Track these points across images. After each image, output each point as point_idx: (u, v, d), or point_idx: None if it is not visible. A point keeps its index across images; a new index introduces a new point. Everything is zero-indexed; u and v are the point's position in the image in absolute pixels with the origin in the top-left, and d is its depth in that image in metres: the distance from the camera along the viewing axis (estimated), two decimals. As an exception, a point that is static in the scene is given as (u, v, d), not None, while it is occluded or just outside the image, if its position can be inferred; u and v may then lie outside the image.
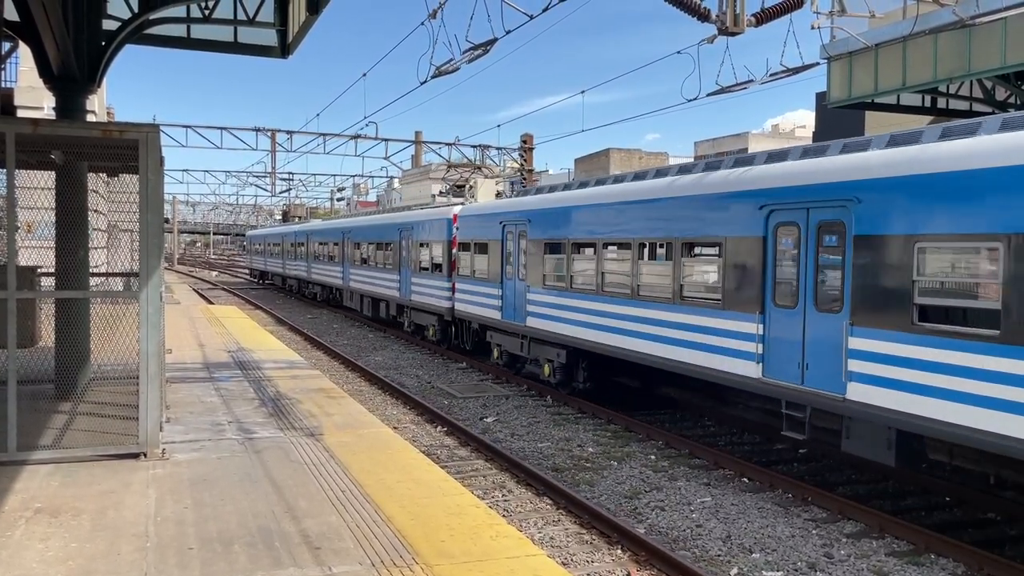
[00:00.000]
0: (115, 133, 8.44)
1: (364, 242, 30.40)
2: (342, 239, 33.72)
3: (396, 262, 26.32)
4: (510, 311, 18.28)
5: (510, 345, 18.46)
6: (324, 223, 41.09)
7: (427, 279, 23.45)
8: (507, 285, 18.49)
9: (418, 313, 24.58)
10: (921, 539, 9.02)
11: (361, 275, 30.75)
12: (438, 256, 22.79)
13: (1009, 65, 16.38)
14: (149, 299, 8.18)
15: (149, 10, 11.88)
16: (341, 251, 33.93)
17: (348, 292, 32.92)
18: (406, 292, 25.23)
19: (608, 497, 10.69)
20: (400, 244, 25.94)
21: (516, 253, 18.10)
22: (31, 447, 8.08)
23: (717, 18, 10.65)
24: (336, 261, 34.98)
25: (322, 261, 38.23)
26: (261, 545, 6.07)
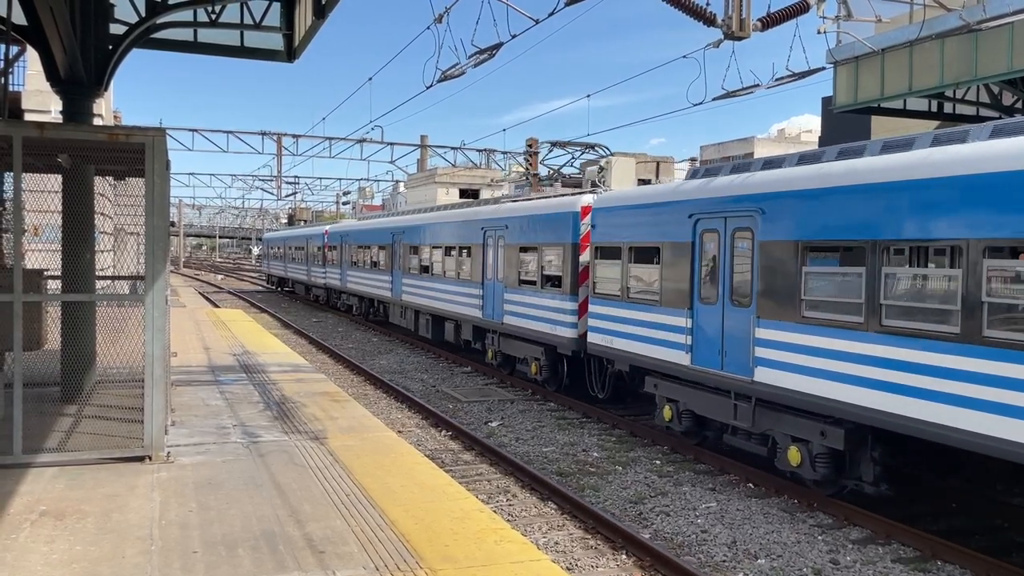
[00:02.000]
0: (121, 137, 8.47)
1: (426, 245, 24.46)
2: (392, 242, 27.92)
3: (478, 271, 20.19)
4: (709, 353, 11.93)
5: (704, 406, 12.22)
6: (367, 223, 33.61)
7: (532, 296, 17.39)
8: (706, 312, 12.11)
9: (512, 341, 18.53)
10: (928, 546, 8.98)
11: (420, 287, 24.62)
12: (554, 264, 16.66)
13: (1015, 70, 16.35)
14: (154, 303, 8.20)
15: (156, 14, 11.92)
16: (390, 256, 28.03)
17: (399, 307, 27.16)
18: (494, 312, 19.22)
19: (613, 502, 10.66)
20: (485, 248, 19.89)
21: (726, 263, 11.68)
22: (36, 450, 8.10)
23: (723, 22, 10.64)
24: (382, 268, 29.08)
25: (363, 268, 31.93)
26: (265, 549, 6.06)
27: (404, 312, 26.77)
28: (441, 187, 71.66)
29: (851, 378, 9.59)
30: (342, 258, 35.45)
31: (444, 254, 22.73)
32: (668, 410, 13.00)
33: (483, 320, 19.90)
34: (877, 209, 9.36)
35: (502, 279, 18.82)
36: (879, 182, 9.43)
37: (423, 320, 24.64)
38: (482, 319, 19.92)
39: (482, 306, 19.88)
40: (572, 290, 15.94)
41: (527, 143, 38.87)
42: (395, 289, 27.40)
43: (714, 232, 12.07)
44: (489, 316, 19.52)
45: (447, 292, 22.32)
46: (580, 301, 15.74)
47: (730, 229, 11.77)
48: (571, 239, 16.09)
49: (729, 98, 14.14)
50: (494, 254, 19.45)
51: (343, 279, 35.30)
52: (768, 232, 10.97)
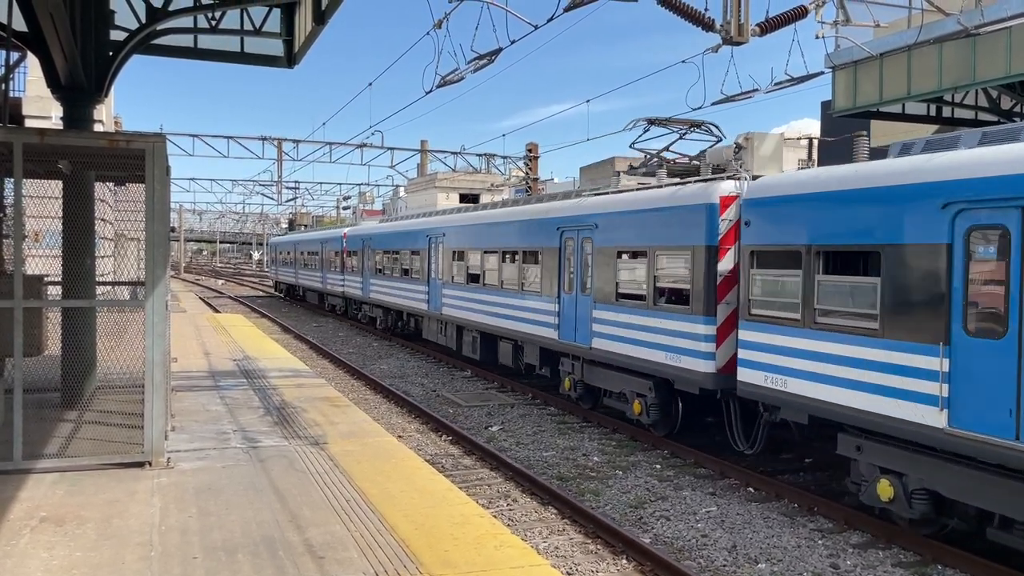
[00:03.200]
0: (122, 143, 8.49)
1: (474, 250, 20.82)
2: (427, 246, 24.24)
3: (551, 282, 16.53)
4: (991, 413, 8.06)
5: (966, 489, 8.50)
6: (395, 224, 29.31)
7: (638, 315, 13.64)
8: (974, 351, 8.28)
9: (603, 371, 14.86)
10: (928, 550, 8.97)
11: (466, 299, 21.06)
12: (675, 274, 12.98)
13: (1014, 74, 16.37)
14: (155, 308, 8.21)
15: (156, 21, 11.95)
16: (425, 262, 24.43)
17: (437, 322, 23.53)
18: (576, 333, 15.45)
19: (613, 507, 10.66)
20: (563, 253, 16.22)
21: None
22: (36, 456, 8.11)
23: (722, 28, 10.67)
24: (415, 276, 25.42)
25: (390, 276, 28.24)
26: (265, 554, 6.07)
27: (444, 328, 22.96)
28: (441, 192, 71.65)
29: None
30: (364, 264, 31.63)
31: (501, 260, 18.97)
32: (887, 486, 9.22)
33: (559, 343, 16.11)
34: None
35: (590, 292, 15.05)
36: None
37: (468, 338, 21.01)
38: (558, 341, 16.13)
39: (558, 325, 16.12)
40: (706, 309, 12.08)
41: (527, 148, 38.93)
42: (433, 301, 23.60)
43: (997, 231, 8.13)
44: (568, 338, 15.76)
45: (505, 307, 18.61)
46: (719, 323, 11.99)
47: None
48: (704, 240, 12.18)
49: (728, 103, 14.16)
50: (577, 261, 15.60)
51: (365, 288, 31.44)
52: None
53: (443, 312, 22.70)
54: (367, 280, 31.20)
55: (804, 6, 11.52)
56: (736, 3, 10.55)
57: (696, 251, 12.35)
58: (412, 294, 25.62)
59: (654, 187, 14.22)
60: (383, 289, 29.03)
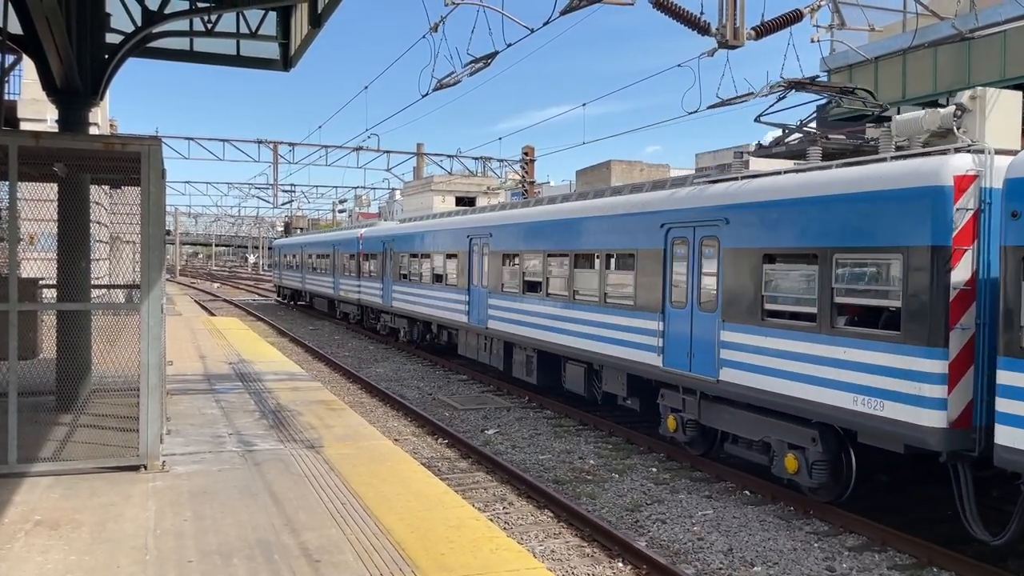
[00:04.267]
0: (117, 146, 8.49)
1: (533, 253, 17.46)
2: (468, 248, 20.86)
3: (653, 294, 13.06)
4: None
5: None
6: (425, 223, 25.80)
7: (795, 340, 10.30)
8: None
9: (735, 412, 11.46)
10: (924, 552, 8.99)
11: (520, 311, 17.79)
12: (870, 287, 9.69)
13: (1009, 78, 16.44)
14: (150, 311, 8.20)
15: (152, 24, 11.95)
16: (464, 268, 21.03)
17: (479, 337, 20.28)
18: (692, 361, 12.06)
19: (609, 510, 10.66)
20: (669, 256, 12.73)
21: None
22: (31, 459, 8.08)
23: (717, 31, 10.70)
24: (451, 284, 22.00)
25: (417, 282, 24.79)
26: (260, 558, 6.05)
27: (489, 345, 19.68)
28: (437, 195, 71.69)
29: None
30: (385, 269, 28.01)
31: (572, 265, 15.75)
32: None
33: (662, 370, 12.71)
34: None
35: (715, 308, 11.60)
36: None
37: (520, 357, 18.07)
38: (660, 369, 12.75)
39: (662, 348, 12.74)
40: (931, 336, 8.61)
41: (523, 151, 38.99)
42: (475, 312, 20.30)
43: None
44: (678, 365, 12.37)
45: (577, 322, 15.38)
46: (952, 358, 8.52)
47: None
48: (928, 239, 8.71)
49: (724, 106, 14.19)
50: (693, 266, 12.21)
51: (386, 295, 27.78)
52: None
53: (489, 326, 19.25)
54: (388, 287, 27.60)
55: (799, 10, 11.57)
56: (732, 7, 10.59)
57: (913, 254, 8.79)
58: (447, 303, 22.11)
59: (815, 168, 10.63)
60: (409, 297, 25.44)
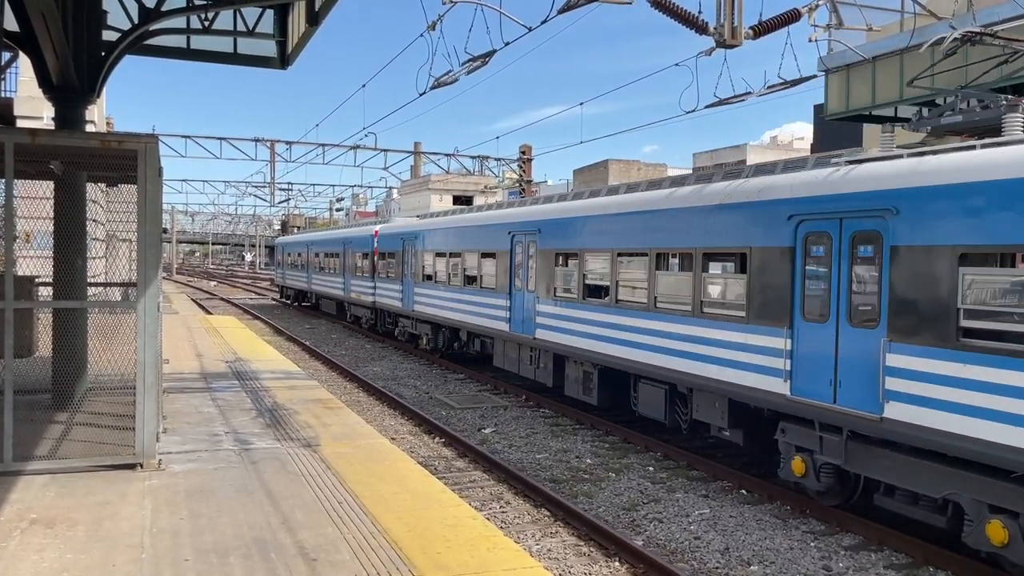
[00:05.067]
0: (114, 144, 8.46)
1: (596, 252, 14.82)
2: (511, 247, 18.20)
3: (779, 305, 10.49)
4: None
5: None
6: (457, 219, 22.69)
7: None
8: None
9: (901, 460, 9.01)
10: (920, 552, 9.00)
11: (578, 319, 15.30)
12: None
13: (1005, 78, 16.45)
14: (146, 310, 8.18)
15: (149, 21, 11.92)
16: (505, 268, 18.48)
17: (522, 347, 17.94)
18: (840, 391, 9.54)
19: (606, 509, 10.66)
20: (801, 257, 10.25)
21: None
22: (27, 457, 8.06)
23: (715, 31, 10.70)
24: (489, 287, 19.35)
25: (447, 285, 22.10)
26: (257, 557, 6.04)
27: (535, 357, 17.29)
28: (435, 194, 71.73)
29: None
30: (405, 269, 25.66)
31: (655, 267, 13.08)
32: None
33: (790, 400, 10.12)
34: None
35: (877, 324, 9.09)
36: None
37: (575, 373, 15.64)
38: (788, 399, 10.14)
39: (789, 372, 10.13)
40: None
41: (520, 150, 38.98)
42: (518, 320, 17.76)
43: None
44: (816, 395, 9.73)
45: (659, 335, 12.81)
46: None
47: None
48: None
49: (721, 106, 14.18)
50: (838, 270, 9.63)
51: (406, 298, 25.40)
52: None
53: (537, 336, 16.80)
54: (409, 289, 25.11)
55: (797, 9, 11.57)
56: (730, 6, 10.59)
57: None
58: (482, 309, 19.64)
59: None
60: (434, 300, 22.96)
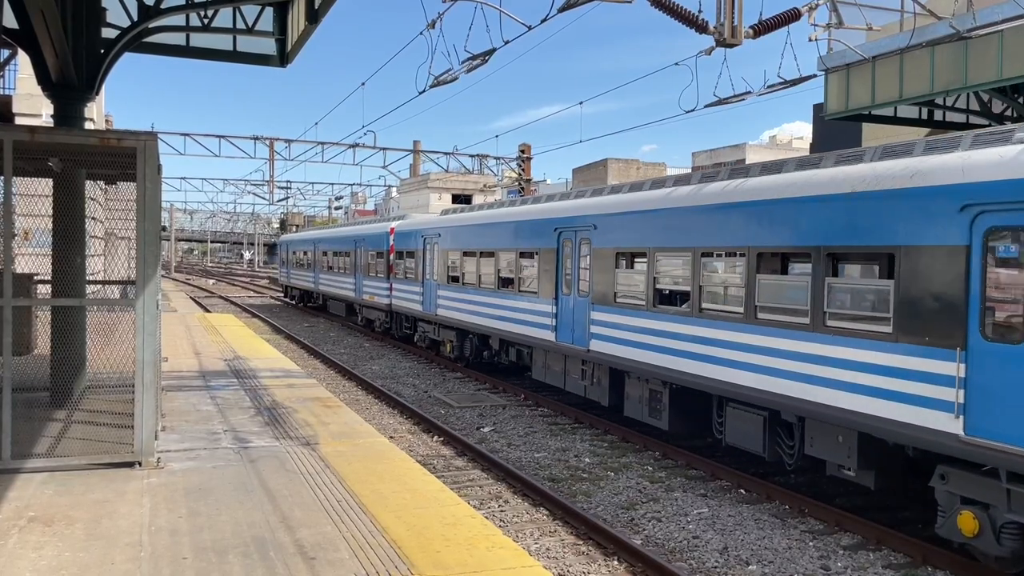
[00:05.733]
0: (113, 141, 8.45)
1: (672, 252, 12.69)
2: (557, 245, 16.01)
3: (944, 320, 8.21)
4: None
5: None
6: (490, 214, 20.39)
7: None
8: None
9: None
10: (918, 551, 9.00)
11: (641, 329, 13.16)
12: None
13: (1006, 78, 16.45)
14: (145, 307, 8.17)
15: (148, 19, 11.91)
16: (551, 270, 16.10)
17: (573, 361, 15.60)
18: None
19: (605, 508, 10.65)
20: (979, 259, 7.91)
21: None
22: (25, 455, 8.05)
23: (715, 30, 10.70)
24: (529, 291, 17.18)
25: (477, 287, 19.78)
26: (256, 555, 6.04)
27: (588, 372, 15.05)
28: (434, 192, 71.73)
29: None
30: (425, 269, 23.66)
31: (755, 270, 10.82)
32: None
33: (963, 442, 7.97)
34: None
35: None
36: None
37: (641, 392, 13.34)
38: (961, 439, 7.99)
39: (962, 406, 7.99)
40: None
41: (520, 149, 38.94)
42: (566, 329, 15.49)
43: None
44: (1006, 437, 7.59)
45: (758, 351, 10.63)
46: None
47: None
48: None
49: (721, 105, 14.20)
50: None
51: (428, 301, 23.25)
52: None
53: (591, 348, 14.51)
54: (431, 291, 23.00)
55: (797, 9, 11.57)
56: (730, 5, 10.59)
57: None
58: (521, 315, 17.42)
59: None
60: (461, 305, 20.78)
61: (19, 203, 10.20)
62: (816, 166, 10.50)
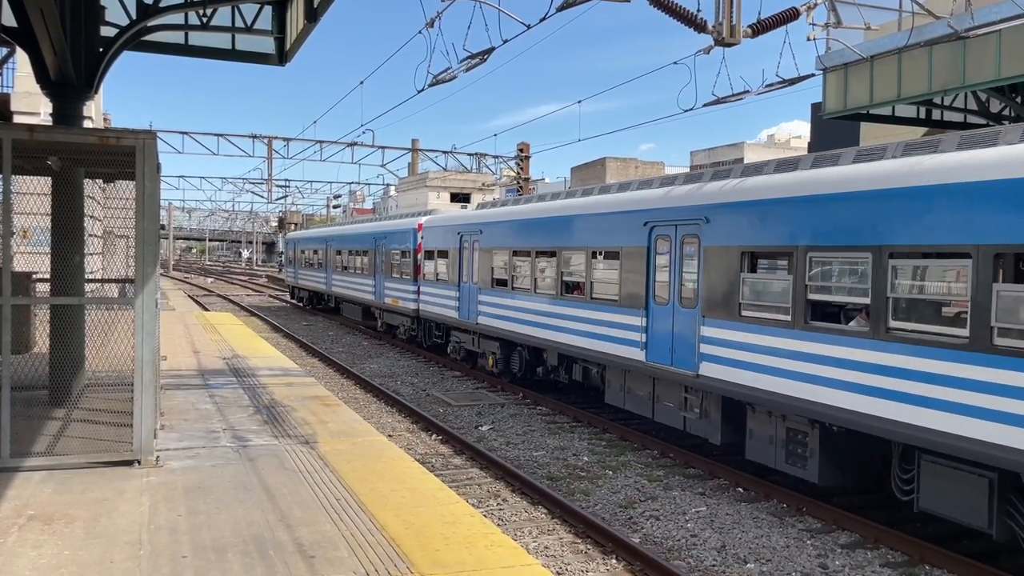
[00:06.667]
0: (112, 140, 8.44)
1: (832, 252, 9.91)
2: (647, 241, 13.22)
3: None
4: None
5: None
6: (549, 206, 17.23)
7: None
8: None
9: None
10: (916, 550, 9.02)
11: (780, 352, 10.44)
12: None
13: (1003, 77, 16.47)
14: (144, 306, 8.17)
15: (147, 17, 11.90)
16: (641, 271, 13.29)
17: (661, 384, 13.08)
18: None
19: (603, 506, 10.67)
20: None
21: None
22: (24, 454, 8.05)
23: (713, 29, 10.70)
24: (605, 298, 14.47)
25: (527, 293, 17.14)
26: (255, 554, 6.05)
27: (694, 402, 12.26)
28: (432, 191, 71.71)
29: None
30: (463, 271, 20.69)
31: (992, 278, 7.84)
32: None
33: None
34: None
35: None
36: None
37: (773, 430, 10.85)
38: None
39: None
40: None
41: (518, 147, 38.92)
42: (661, 345, 12.69)
43: None
44: None
45: (975, 387, 7.99)
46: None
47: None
48: None
49: (719, 104, 14.20)
50: None
51: (467, 308, 20.31)
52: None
53: (702, 372, 11.69)
54: (470, 296, 20.09)
55: (796, 8, 11.58)
56: (728, 4, 10.60)
57: None
58: (592, 327, 14.57)
59: None
60: (509, 312, 17.97)
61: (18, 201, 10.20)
62: None
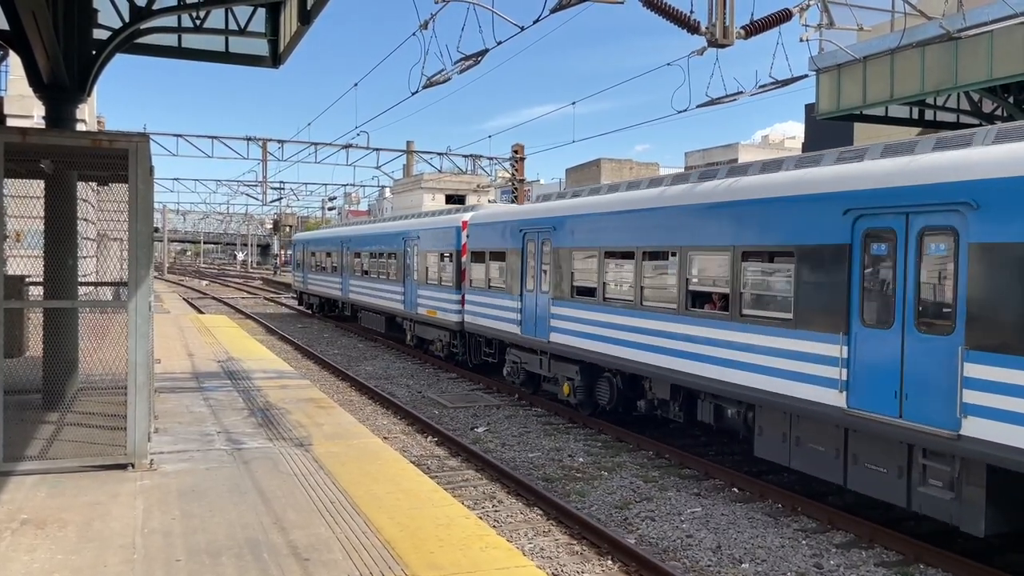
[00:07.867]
0: (105, 143, 8.42)
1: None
2: (849, 236, 9.34)
3: None
4: None
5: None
6: (653, 195, 13.19)
7: None
8: None
9: None
10: (911, 549, 9.04)
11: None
12: None
13: (996, 78, 16.53)
14: (138, 309, 8.15)
15: (140, 19, 11.88)
16: (841, 283, 9.40)
17: (876, 445, 9.20)
18: None
19: (599, 507, 10.67)
20: None
21: None
22: (17, 458, 8.02)
23: (707, 30, 10.73)
24: (772, 318, 10.53)
25: (627, 307, 13.55)
26: (249, 557, 6.03)
27: (945, 475, 8.40)
28: (427, 193, 71.69)
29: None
30: (525, 276, 17.18)
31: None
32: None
33: None
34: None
35: None
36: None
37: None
38: None
39: None
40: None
41: (513, 149, 38.94)
42: (876, 386, 8.97)
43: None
44: None
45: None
46: None
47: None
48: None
49: (713, 105, 14.24)
50: None
51: (533, 322, 16.69)
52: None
53: (965, 431, 7.95)
54: (538, 307, 16.53)
55: (789, 9, 11.61)
56: (721, 6, 10.62)
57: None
58: (738, 354, 11.02)
59: None
60: (597, 330, 14.42)
61: (10, 205, 10.17)
62: None
